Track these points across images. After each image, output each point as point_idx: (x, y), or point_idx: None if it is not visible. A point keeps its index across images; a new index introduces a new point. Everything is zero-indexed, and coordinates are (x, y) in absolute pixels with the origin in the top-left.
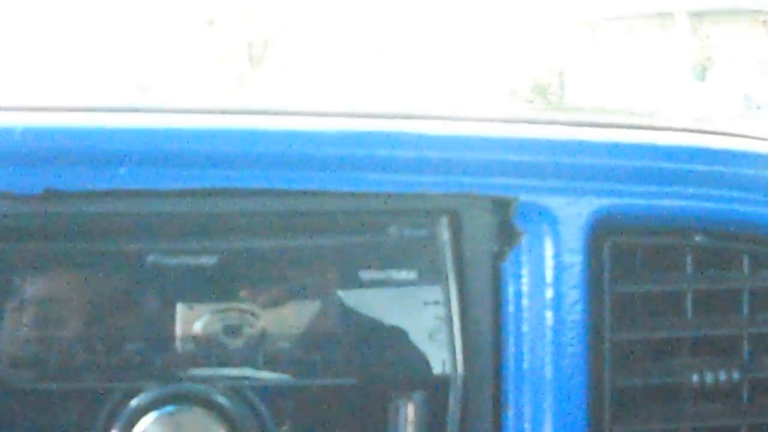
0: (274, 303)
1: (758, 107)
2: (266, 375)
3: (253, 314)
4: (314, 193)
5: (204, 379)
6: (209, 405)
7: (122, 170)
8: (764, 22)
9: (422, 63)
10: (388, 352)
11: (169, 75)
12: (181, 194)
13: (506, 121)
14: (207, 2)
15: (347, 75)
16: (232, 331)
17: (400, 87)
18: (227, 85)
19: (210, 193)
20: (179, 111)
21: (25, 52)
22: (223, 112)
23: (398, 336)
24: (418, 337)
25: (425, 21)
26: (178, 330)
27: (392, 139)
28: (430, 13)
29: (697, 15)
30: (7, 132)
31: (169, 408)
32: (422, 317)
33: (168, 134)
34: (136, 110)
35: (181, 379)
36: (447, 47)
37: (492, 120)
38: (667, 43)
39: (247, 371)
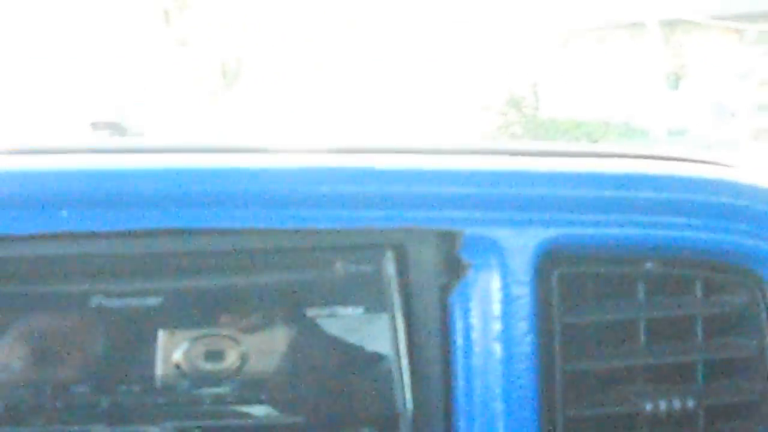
0: (219, 342)
1: (731, 115)
2: (214, 414)
3: (199, 353)
4: (257, 232)
5: (153, 421)
6: None
7: (63, 212)
8: (736, 30)
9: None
10: (335, 390)
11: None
12: (124, 235)
13: (450, 152)
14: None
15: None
16: (180, 371)
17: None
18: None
19: (153, 234)
20: (121, 150)
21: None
22: (166, 150)
23: (346, 372)
24: (366, 372)
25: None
26: (126, 372)
27: (335, 175)
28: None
29: (669, 24)
30: None
31: None
32: (370, 353)
33: (109, 175)
34: (78, 151)
35: (130, 422)
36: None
37: (436, 152)
38: (639, 52)
39: (196, 411)
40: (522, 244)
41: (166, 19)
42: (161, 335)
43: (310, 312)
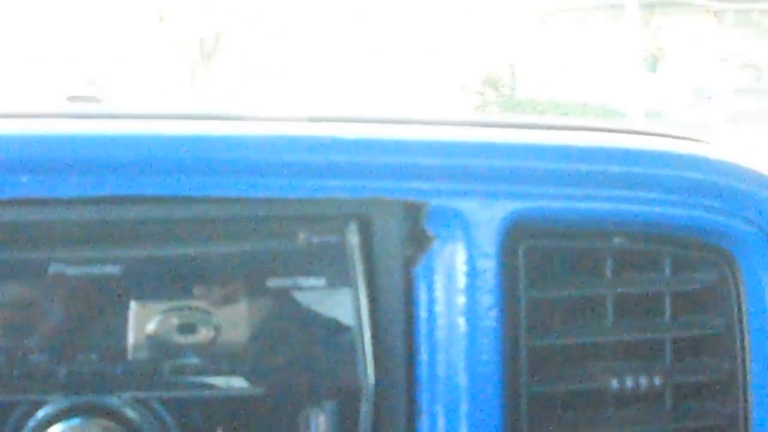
0: (180, 314)
1: (709, 98)
2: (173, 385)
3: (159, 324)
4: (219, 200)
5: (111, 391)
6: (116, 417)
7: (24, 178)
8: (715, 13)
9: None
10: (297, 361)
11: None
12: (83, 202)
13: (417, 122)
14: None
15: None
16: (140, 341)
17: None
18: (179, 80)
19: (113, 201)
20: (83, 116)
21: None
22: (130, 116)
23: (307, 344)
24: (327, 345)
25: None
26: (83, 341)
27: (299, 144)
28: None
29: (648, 6)
30: None
31: (75, 420)
32: (332, 324)
33: (70, 141)
34: (39, 116)
35: (87, 391)
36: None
37: (403, 122)
38: (618, 34)
39: (155, 382)
40: (488, 216)
41: None
42: (122, 305)
43: (272, 282)
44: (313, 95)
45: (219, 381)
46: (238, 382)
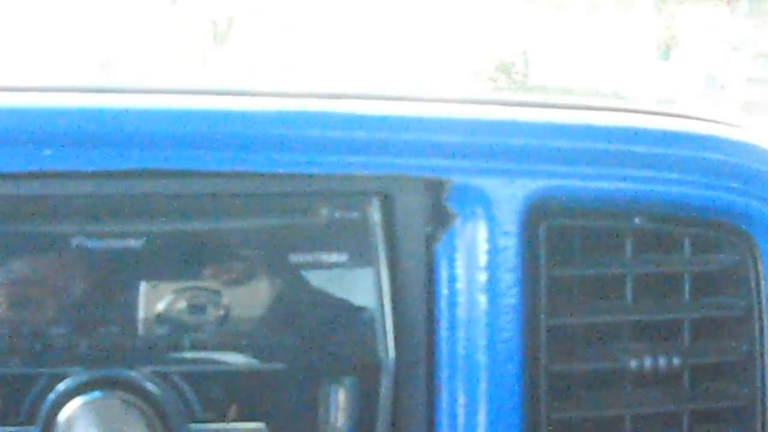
0: (201, 287)
1: (721, 87)
2: (193, 359)
3: (180, 298)
4: (243, 175)
5: (131, 365)
6: (136, 391)
7: (47, 151)
8: (728, 2)
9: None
10: (318, 336)
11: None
12: (108, 176)
13: (440, 100)
14: None
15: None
16: (160, 316)
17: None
18: (190, 64)
19: (136, 175)
20: (107, 90)
21: None
22: (153, 91)
23: (328, 320)
24: (348, 320)
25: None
26: (104, 314)
27: (323, 119)
28: None
29: None
30: None
31: (96, 393)
32: (353, 300)
33: (93, 114)
34: (63, 90)
35: (108, 365)
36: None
37: (426, 99)
38: (631, 22)
39: (175, 356)
40: (510, 194)
41: None
42: (142, 279)
43: (294, 258)
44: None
45: (239, 356)
46: (258, 357)
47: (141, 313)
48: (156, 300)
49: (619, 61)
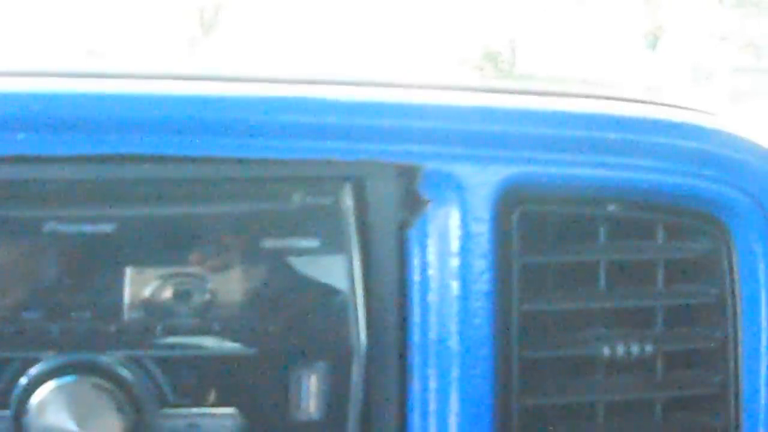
0: (173, 272)
1: (708, 76)
2: (166, 344)
3: (152, 283)
4: (216, 160)
5: (104, 350)
6: (108, 375)
7: (20, 135)
8: None
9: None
10: (290, 322)
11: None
12: (81, 160)
13: (414, 86)
14: None
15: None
16: (132, 301)
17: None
18: (177, 51)
19: (107, 160)
20: (82, 75)
21: None
22: (127, 76)
23: (301, 305)
24: (321, 306)
25: None
26: (77, 299)
27: (295, 105)
28: None
29: None
30: None
31: (68, 378)
32: (325, 286)
33: (67, 99)
34: (38, 74)
35: (80, 350)
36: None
37: (400, 85)
38: (618, 11)
39: (148, 341)
40: (482, 180)
41: None
42: (115, 264)
43: (266, 243)
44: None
45: (212, 341)
46: (230, 343)
47: (113, 298)
48: (128, 285)
49: (607, 50)
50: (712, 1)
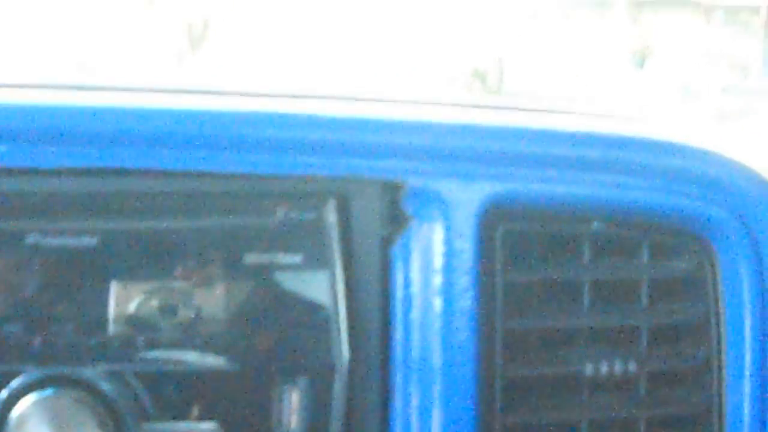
0: (155, 287)
1: (696, 96)
2: (148, 359)
3: (134, 297)
4: (198, 174)
5: (85, 363)
6: (89, 389)
7: (2, 147)
8: (705, 11)
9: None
10: (272, 337)
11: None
12: (62, 173)
13: (399, 102)
14: None
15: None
16: (114, 314)
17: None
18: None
19: (91, 173)
20: (63, 87)
21: None
22: (110, 89)
23: (283, 321)
24: (303, 322)
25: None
26: (59, 312)
27: (279, 120)
28: None
29: (637, 4)
30: None
31: (48, 391)
32: (307, 302)
33: (49, 111)
34: (21, 86)
35: (61, 363)
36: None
37: (384, 101)
38: (606, 30)
39: (129, 355)
40: (466, 197)
41: None
42: (97, 277)
43: (249, 258)
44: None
45: (194, 356)
46: (212, 358)
47: (95, 312)
48: (110, 299)
49: (594, 69)
50: (700, 20)
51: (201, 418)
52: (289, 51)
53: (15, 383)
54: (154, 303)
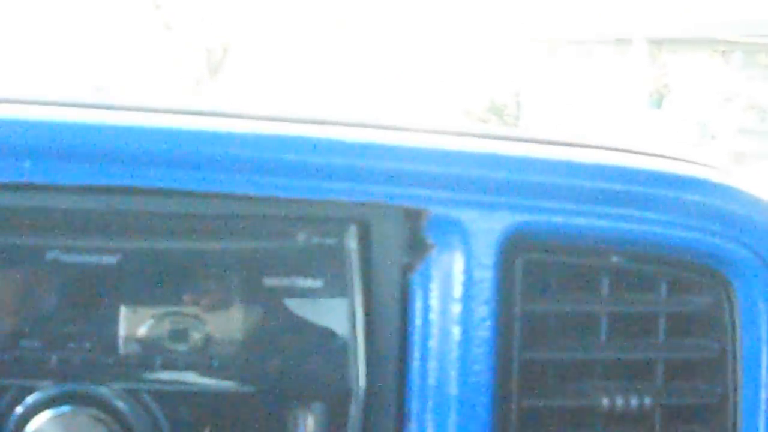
0: (175, 307)
1: (713, 136)
2: (164, 379)
3: (153, 317)
4: (221, 196)
5: (102, 381)
6: (105, 407)
7: (27, 163)
8: (723, 52)
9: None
10: (289, 361)
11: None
12: (85, 191)
13: (421, 130)
14: (166, 6)
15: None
16: (132, 334)
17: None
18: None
19: (112, 191)
20: (88, 106)
21: None
22: (136, 109)
23: (300, 345)
24: (320, 346)
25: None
26: (77, 330)
27: (302, 144)
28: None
29: (656, 42)
30: None
31: (64, 408)
32: (326, 327)
33: (75, 129)
34: (46, 103)
35: (78, 380)
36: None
37: (407, 129)
38: (624, 68)
39: (146, 375)
40: (487, 227)
41: (156, 2)
42: (117, 296)
43: (269, 282)
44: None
45: (210, 377)
46: (228, 380)
47: (113, 330)
48: (129, 318)
49: (611, 107)
50: (717, 61)
51: None
52: (307, 80)
53: (31, 399)
54: (172, 324)
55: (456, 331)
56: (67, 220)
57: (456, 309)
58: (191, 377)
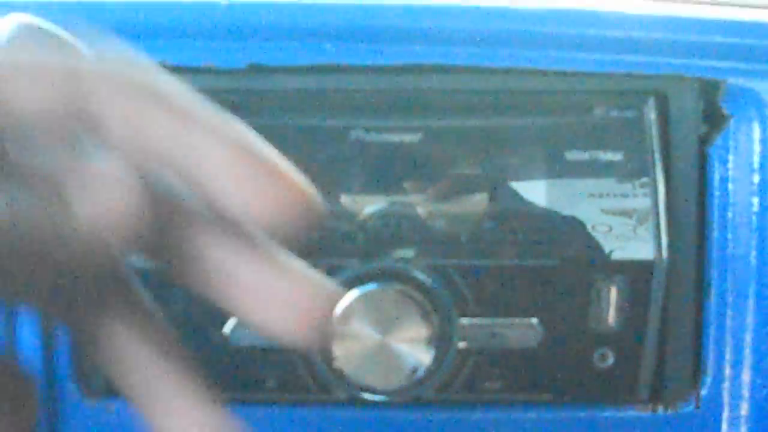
0: (477, 183)
1: None
2: (468, 254)
3: (454, 192)
4: (519, 72)
5: (406, 258)
6: (412, 282)
7: (328, 45)
8: None
9: None
10: (591, 235)
11: None
12: (385, 71)
13: (716, 3)
14: None
15: None
16: (435, 210)
17: None
18: None
19: (414, 70)
20: None
21: None
22: None
23: (603, 218)
24: (622, 219)
25: None
26: (379, 209)
27: (600, 19)
28: None
29: None
30: (212, 6)
31: (371, 285)
32: (628, 200)
33: (372, 11)
34: None
35: (383, 257)
36: None
37: (701, 2)
38: None
39: (451, 250)
40: None
41: None
42: (418, 173)
43: (569, 155)
44: None
45: (512, 251)
46: (530, 253)
47: (416, 208)
48: (431, 194)
49: None
50: None
51: (520, 314)
52: None
53: (338, 278)
54: (476, 197)
55: (755, 202)
56: (369, 100)
57: (754, 179)
58: (494, 251)
